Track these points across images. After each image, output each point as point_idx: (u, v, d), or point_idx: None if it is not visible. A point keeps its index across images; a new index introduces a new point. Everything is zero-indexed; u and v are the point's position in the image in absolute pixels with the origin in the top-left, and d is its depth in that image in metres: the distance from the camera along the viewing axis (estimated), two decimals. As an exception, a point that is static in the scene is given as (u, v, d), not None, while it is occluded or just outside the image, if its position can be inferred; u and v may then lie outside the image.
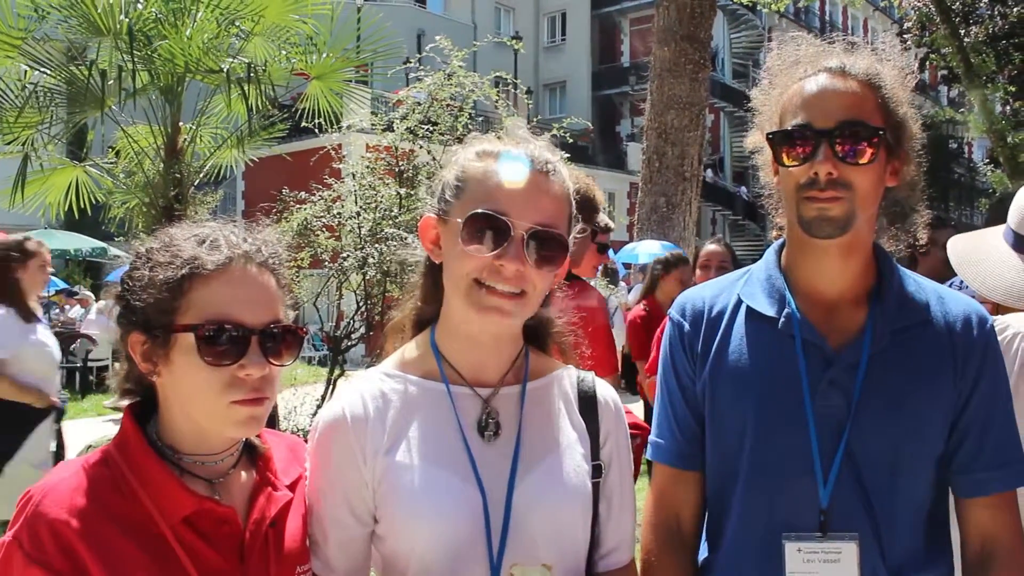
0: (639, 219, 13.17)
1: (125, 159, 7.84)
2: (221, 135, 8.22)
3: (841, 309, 1.74)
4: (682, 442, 1.84)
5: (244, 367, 1.42)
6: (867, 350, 1.67)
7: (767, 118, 1.77)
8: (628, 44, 42.70)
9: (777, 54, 1.80)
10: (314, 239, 7.80)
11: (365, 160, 7.73)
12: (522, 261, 1.50)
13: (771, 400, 1.70)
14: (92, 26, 6.83)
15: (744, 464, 1.73)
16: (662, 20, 12.67)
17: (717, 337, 1.80)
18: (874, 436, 1.65)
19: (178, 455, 1.49)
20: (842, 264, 1.72)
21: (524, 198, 1.52)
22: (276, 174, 9.62)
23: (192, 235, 1.49)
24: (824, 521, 1.65)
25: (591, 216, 3.77)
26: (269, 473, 1.57)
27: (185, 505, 1.43)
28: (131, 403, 1.54)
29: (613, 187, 34.90)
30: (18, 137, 7.36)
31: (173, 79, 7.08)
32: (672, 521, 1.84)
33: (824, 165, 1.60)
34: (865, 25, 52.04)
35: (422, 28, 31.73)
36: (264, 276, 1.50)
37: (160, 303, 1.42)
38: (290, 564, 1.54)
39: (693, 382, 1.82)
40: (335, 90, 8.27)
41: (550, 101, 43.20)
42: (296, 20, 7.61)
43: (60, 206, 8.43)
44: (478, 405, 1.61)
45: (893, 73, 1.72)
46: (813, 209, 1.63)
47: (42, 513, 1.36)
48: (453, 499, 1.53)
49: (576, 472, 1.62)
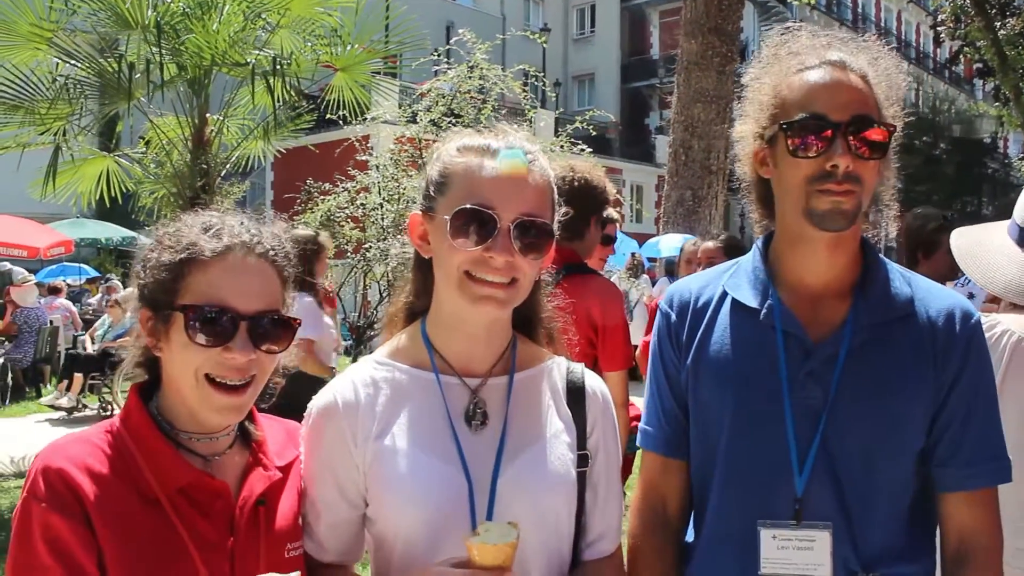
0: (665, 212, 13.14)
1: (154, 149, 7.97)
2: (248, 126, 8.32)
3: (825, 301, 1.74)
4: (668, 430, 1.86)
5: (230, 350, 1.49)
6: (847, 342, 1.68)
7: (759, 109, 1.75)
8: (658, 36, 42.50)
9: (772, 44, 1.79)
10: (338, 230, 7.87)
11: (389, 152, 7.78)
12: (510, 251, 1.53)
13: (750, 390, 1.72)
14: (121, 19, 6.95)
15: (723, 452, 1.75)
16: (690, 13, 12.62)
17: (701, 327, 1.82)
18: (850, 428, 1.67)
19: (176, 431, 1.56)
20: (831, 257, 1.73)
21: (507, 190, 1.55)
22: (304, 165, 9.70)
23: (199, 222, 1.56)
24: (799, 510, 1.67)
25: (599, 209, 3.79)
26: (261, 454, 1.64)
27: (181, 476, 1.50)
28: (137, 382, 1.61)
29: (641, 180, 34.83)
30: (50, 128, 7.51)
31: (200, 71, 7.19)
32: (658, 507, 1.87)
33: (844, 158, 1.60)
34: (899, 17, 51.43)
35: (451, 20, 31.80)
36: (262, 266, 1.56)
37: (163, 283, 1.51)
38: (280, 541, 1.59)
39: (678, 371, 1.84)
40: (360, 82, 8.34)
41: (578, 93, 43.12)
42: (321, 13, 7.68)
43: (91, 195, 8.58)
44: (466, 395, 1.65)
45: (884, 75, 1.73)
46: (827, 202, 1.63)
47: (50, 466, 1.44)
48: (439, 484, 1.57)
49: (560, 461, 1.65)
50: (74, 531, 1.41)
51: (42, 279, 18.51)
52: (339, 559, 1.68)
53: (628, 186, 32.98)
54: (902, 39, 52.23)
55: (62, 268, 20.41)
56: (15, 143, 7.71)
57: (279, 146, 9.21)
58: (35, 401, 12.96)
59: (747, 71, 1.82)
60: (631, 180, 34.06)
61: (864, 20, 48.31)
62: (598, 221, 3.83)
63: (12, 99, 7.38)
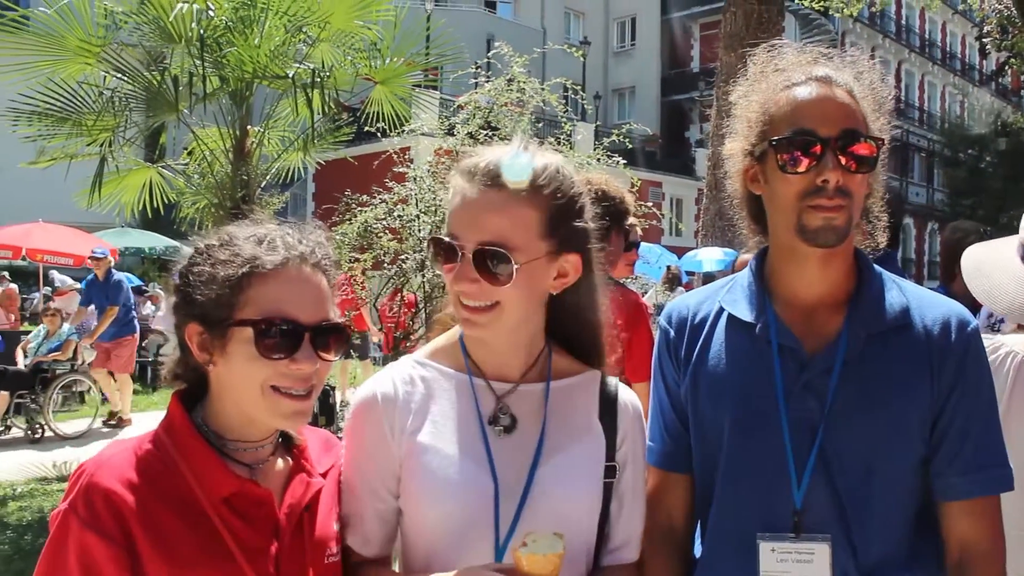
0: (703, 226, 13.09)
1: (196, 161, 8.10)
2: (288, 138, 8.43)
3: (820, 314, 1.75)
4: (671, 445, 1.89)
5: (296, 361, 1.52)
6: (842, 354, 1.69)
7: (748, 126, 1.76)
8: (698, 49, 42.40)
9: (758, 61, 1.81)
10: (376, 241, 7.91)
11: (427, 164, 7.83)
12: (469, 278, 1.59)
13: (747, 403, 1.73)
14: (165, 33, 7.08)
15: (722, 466, 1.76)
16: (729, 26, 12.59)
17: (699, 343, 1.84)
18: (847, 439, 1.67)
19: (222, 440, 1.59)
20: (824, 270, 1.74)
21: (469, 219, 1.61)
22: (344, 176, 9.79)
23: (252, 235, 1.59)
24: (797, 522, 1.67)
25: (618, 220, 3.81)
26: (304, 461, 1.67)
27: (227, 485, 1.53)
28: (178, 390, 1.64)
29: (681, 193, 34.70)
30: (96, 140, 7.67)
31: (241, 84, 7.29)
32: (664, 522, 1.88)
33: (835, 173, 1.62)
34: (943, 29, 50.78)
35: (491, 33, 31.98)
36: (317, 276, 1.59)
37: (220, 298, 1.52)
38: (321, 547, 1.63)
39: (678, 386, 1.87)
40: (399, 95, 8.42)
41: (619, 106, 43.12)
42: (361, 27, 7.77)
43: (135, 205, 8.75)
44: (493, 400, 1.72)
45: (869, 89, 1.74)
46: (819, 218, 1.64)
47: (96, 483, 1.46)
48: (466, 483, 1.63)
49: (588, 470, 1.70)
50: (109, 554, 1.44)
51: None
52: (381, 552, 1.74)
53: (668, 199, 32.87)
54: (947, 51, 51.57)
55: (107, 277, 20.76)
56: (63, 154, 7.88)
57: (319, 158, 9.32)
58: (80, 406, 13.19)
59: (734, 89, 1.84)
60: (671, 193, 33.95)
61: (908, 32, 47.76)
62: (619, 232, 3.85)
63: (60, 112, 7.53)
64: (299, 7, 7.23)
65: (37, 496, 7.91)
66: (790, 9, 31.42)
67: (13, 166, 9.19)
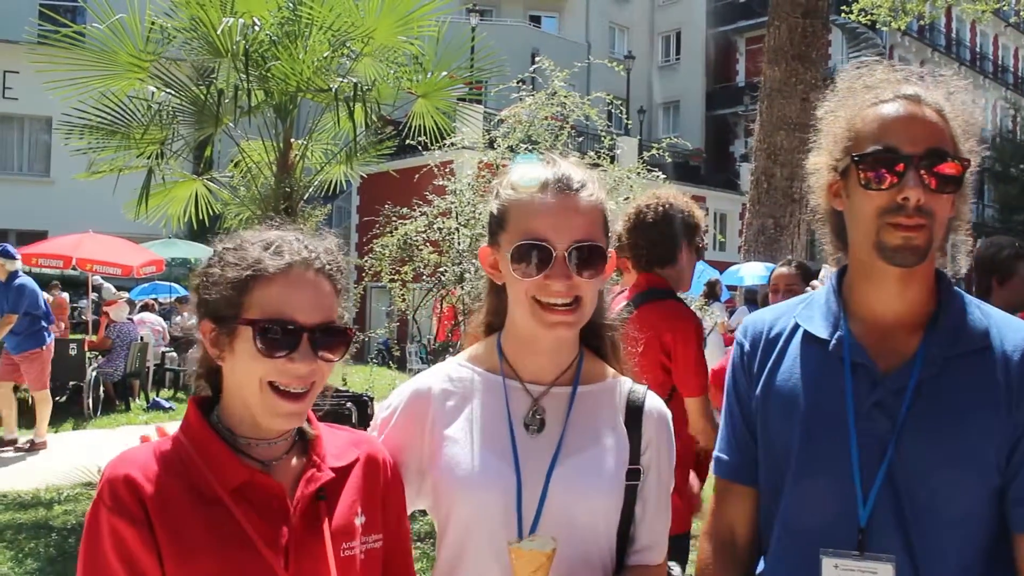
0: (746, 240, 13.01)
1: (240, 173, 8.23)
2: (331, 151, 8.54)
3: (897, 334, 1.73)
4: (739, 458, 1.91)
5: (293, 360, 1.59)
6: (916, 375, 1.67)
7: (833, 141, 1.77)
8: (743, 64, 42.18)
9: (847, 77, 1.81)
10: (416, 254, 7.98)
11: (468, 177, 7.89)
12: (567, 276, 1.68)
13: (816, 419, 1.73)
14: (212, 48, 7.23)
15: (788, 480, 1.76)
16: (773, 40, 12.53)
17: (772, 358, 1.85)
18: (916, 461, 1.64)
19: (235, 437, 1.66)
20: (903, 289, 1.72)
21: (558, 220, 1.70)
22: (388, 189, 9.90)
23: (260, 240, 1.67)
24: (862, 540, 1.66)
25: (689, 235, 3.79)
26: (315, 455, 1.72)
27: (238, 475, 1.60)
28: (196, 395, 1.74)
29: (725, 208, 34.47)
30: (143, 152, 7.84)
31: (286, 97, 7.42)
32: (726, 532, 1.91)
33: (915, 191, 1.60)
34: (995, 41, 49.93)
35: (536, 47, 32.07)
36: (320, 280, 1.66)
37: (228, 298, 1.61)
38: (336, 541, 1.66)
39: (750, 401, 1.88)
40: (442, 108, 8.50)
41: (663, 120, 43.00)
42: (404, 41, 7.85)
43: (181, 217, 8.91)
44: (528, 401, 1.80)
45: (960, 109, 1.72)
46: (898, 237, 1.63)
47: (118, 474, 1.56)
48: (490, 477, 1.72)
49: (608, 470, 1.76)
50: (138, 536, 1.52)
51: (135, 297, 19.23)
52: None
53: (712, 214, 32.67)
54: (999, 64, 50.69)
55: (154, 286, 21.15)
56: (112, 167, 8.07)
57: (362, 171, 9.44)
58: (124, 414, 13.43)
59: (822, 104, 1.85)
60: (715, 208, 33.72)
61: (958, 45, 47.04)
62: (690, 247, 3.82)
63: (110, 125, 7.72)
64: (343, 22, 7.34)
65: (82, 500, 8.06)
66: (836, 23, 31.17)
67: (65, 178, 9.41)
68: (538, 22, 39.85)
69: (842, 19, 24.19)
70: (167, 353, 16.22)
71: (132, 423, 12.69)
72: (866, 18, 17.83)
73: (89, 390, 12.95)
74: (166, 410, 13.86)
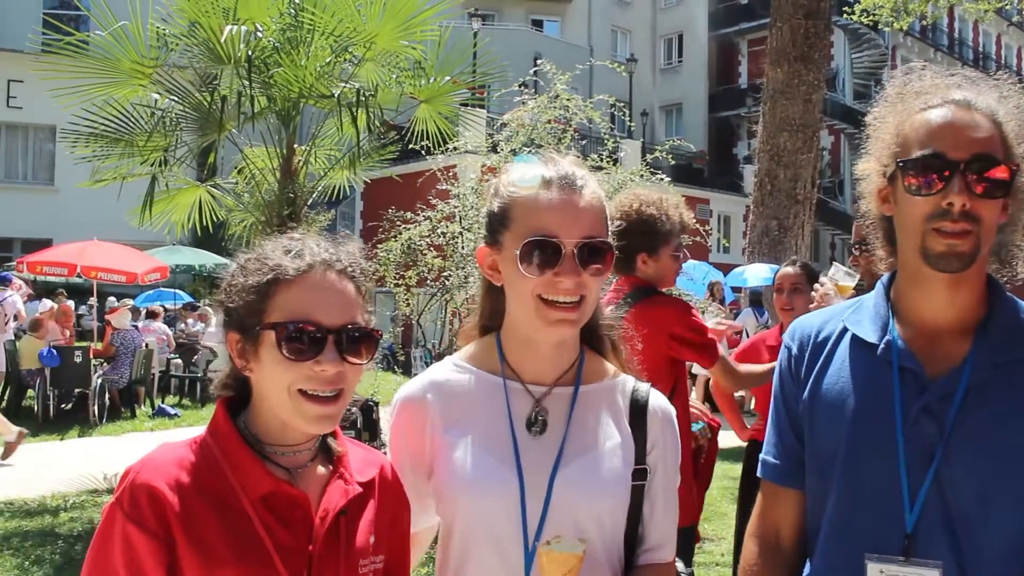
0: (750, 242, 13.00)
1: (244, 179, 8.24)
2: (334, 156, 8.55)
3: (946, 339, 1.72)
4: (785, 461, 1.90)
5: (320, 363, 1.56)
6: (966, 381, 1.65)
7: (883, 146, 1.77)
8: (746, 66, 42.14)
9: (896, 83, 1.81)
10: (420, 258, 7.99)
11: (470, 181, 7.90)
12: (577, 272, 1.66)
13: (863, 424, 1.72)
14: (215, 55, 7.24)
15: (835, 484, 1.75)
16: (775, 41, 12.53)
17: (819, 362, 1.84)
18: (964, 467, 1.63)
19: (261, 444, 1.64)
20: (953, 295, 1.71)
21: (566, 216, 1.68)
22: (392, 194, 9.91)
23: (281, 246, 1.66)
24: (908, 546, 1.64)
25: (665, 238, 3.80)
26: (342, 468, 1.71)
27: (263, 484, 1.58)
28: (225, 397, 1.70)
29: (729, 210, 34.45)
30: (147, 159, 7.85)
31: (288, 103, 7.42)
32: (771, 535, 1.91)
33: (960, 196, 1.59)
34: (998, 41, 49.86)
35: (538, 51, 32.08)
36: (343, 282, 1.64)
37: (250, 305, 1.59)
38: (355, 557, 1.65)
39: (797, 404, 1.87)
40: (444, 113, 8.50)
41: (666, 123, 42.97)
42: (406, 46, 7.86)
43: (185, 224, 8.92)
44: (530, 403, 1.78)
45: (1013, 112, 1.70)
46: (942, 244, 1.62)
47: (141, 481, 1.54)
48: (493, 482, 1.70)
49: (612, 471, 1.74)
50: (149, 547, 1.51)
51: (140, 304, 19.27)
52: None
53: (716, 216, 32.66)
54: (1002, 63, 50.60)
55: (159, 293, 21.21)
56: (115, 174, 8.08)
57: (365, 176, 9.44)
58: (130, 420, 13.45)
59: (871, 110, 1.85)
60: (719, 210, 33.72)
61: (961, 45, 47.00)
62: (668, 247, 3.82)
63: (114, 132, 7.74)
64: (345, 28, 7.35)
65: (88, 507, 8.07)
66: (838, 24, 31.17)
67: (69, 187, 9.45)
68: (540, 26, 39.86)
69: (844, 20, 24.18)
70: (172, 360, 16.26)
71: (138, 430, 12.71)
72: (868, 19, 17.82)
73: (94, 397, 13.00)
74: (172, 417, 13.89)
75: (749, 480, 4.81)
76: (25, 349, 13.32)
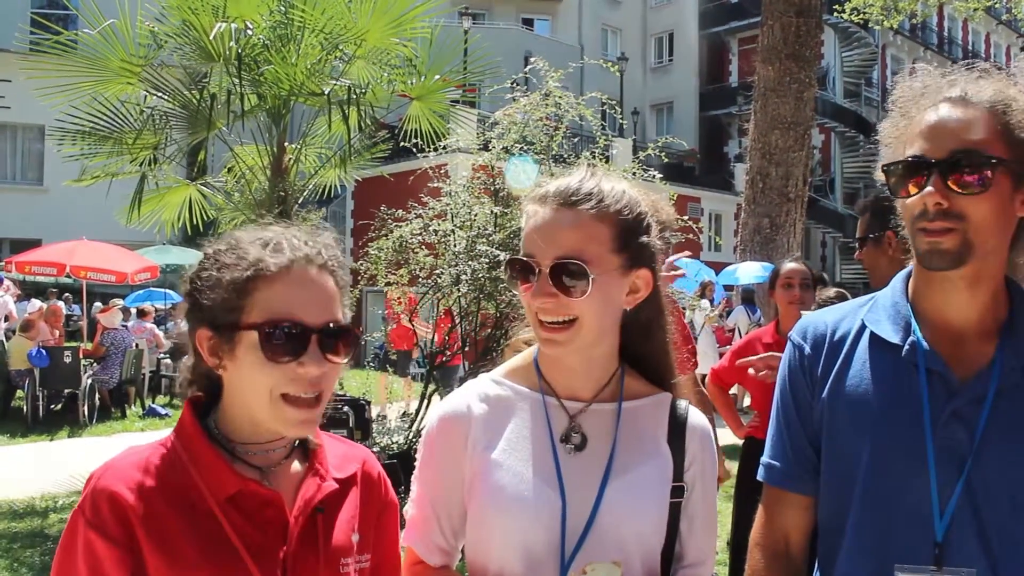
0: (742, 240, 13.01)
1: (234, 178, 8.21)
2: (325, 155, 8.52)
3: (969, 341, 1.68)
4: (795, 465, 1.83)
5: (303, 364, 1.49)
6: (995, 383, 1.62)
7: (892, 151, 1.74)
8: (736, 64, 42.21)
9: (903, 86, 1.78)
10: (412, 256, 7.95)
11: (461, 179, 7.87)
12: (547, 293, 1.63)
13: (890, 428, 1.67)
14: (204, 53, 7.20)
15: (859, 491, 1.70)
16: (766, 39, 12.55)
17: (838, 362, 1.79)
18: (997, 473, 1.59)
19: (232, 443, 1.58)
20: (968, 295, 1.67)
21: (544, 237, 1.65)
22: (383, 193, 9.87)
23: (257, 238, 1.57)
24: (939, 555, 1.60)
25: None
26: (318, 464, 1.65)
27: (230, 484, 1.52)
28: (192, 396, 1.63)
29: (720, 208, 34.47)
30: (136, 158, 7.80)
31: (279, 101, 7.39)
32: (780, 544, 1.84)
33: (932, 196, 1.58)
34: (987, 40, 50.04)
35: (528, 50, 32.05)
36: (324, 277, 1.56)
37: (227, 302, 1.51)
38: (335, 556, 1.60)
39: (811, 406, 1.81)
40: (436, 111, 8.47)
41: (657, 122, 42.99)
42: (397, 43, 7.83)
43: (175, 223, 8.88)
44: (565, 419, 1.74)
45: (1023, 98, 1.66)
46: (925, 242, 1.61)
47: (102, 487, 1.48)
48: (535, 501, 1.65)
49: (654, 489, 1.71)
50: (111, 554, 1.45)
51: (130, 304, 19.18)
52: (444, 561, 1.78)
53: (707, 215, 32.67)
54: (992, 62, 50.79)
55: (148, 293, 21.10)
56: (104, 172, 8.03)
57: (356, 175, 9.41)
58: (120, 421, 13.39)
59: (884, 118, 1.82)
60: (710, 208, 33.73)
61: (950, 43, 47.17)
62: None
63: (103, 130, 7.69)
64: (335, 25, 7.32)
65: (78, 509, 8.02)
66: (829, 22, 31.23)
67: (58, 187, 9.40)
68: (531, 25, 39.81)
69: (834, 18, 24.23)
70: (163, 360, 16.19)
71: (128, 430, 12.65)
72: (858, 17, 17.87)
73: (84, 398, 12.93)
74: (162, 417, 13.82)
75: (747, 478, 4.78)
76: (14, 349, 13.24)
